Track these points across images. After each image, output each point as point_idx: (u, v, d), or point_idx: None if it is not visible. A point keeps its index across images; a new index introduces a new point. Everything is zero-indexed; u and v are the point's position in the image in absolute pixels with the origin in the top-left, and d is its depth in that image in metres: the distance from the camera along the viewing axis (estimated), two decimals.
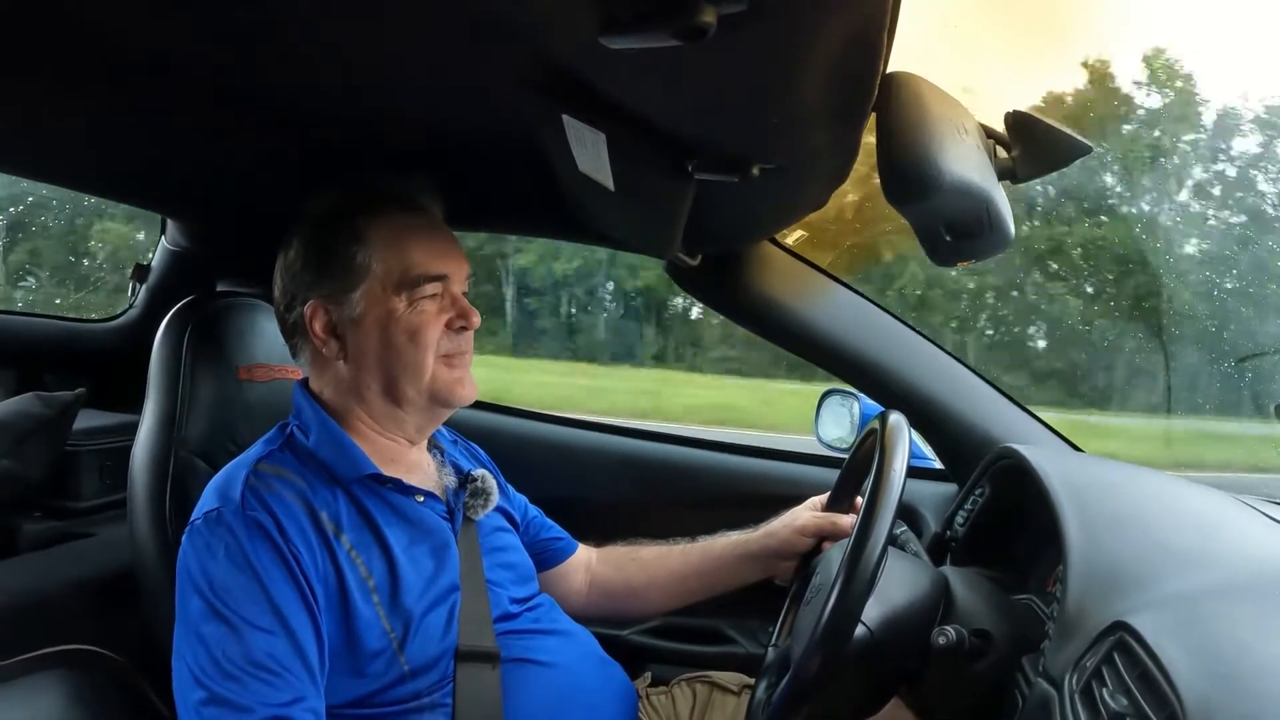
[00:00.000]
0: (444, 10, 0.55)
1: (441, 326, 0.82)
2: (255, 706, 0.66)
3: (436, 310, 0.82)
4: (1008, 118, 0.66)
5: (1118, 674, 0.54)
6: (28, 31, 0.64)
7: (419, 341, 0.81)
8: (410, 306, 0.80)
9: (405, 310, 0.80)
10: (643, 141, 0.60)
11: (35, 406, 1.21)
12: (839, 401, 1.38)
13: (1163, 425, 3.79)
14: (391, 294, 0.80)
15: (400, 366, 0.81)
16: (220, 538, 0.72)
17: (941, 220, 0.60)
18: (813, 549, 0.96)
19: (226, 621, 0.69)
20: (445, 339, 0.82)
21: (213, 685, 0.67)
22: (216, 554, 0.71)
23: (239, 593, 0.70)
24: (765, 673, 0.82)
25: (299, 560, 0.72)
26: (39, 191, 2.91)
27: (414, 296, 0.80)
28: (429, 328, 0.81)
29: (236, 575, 0.70)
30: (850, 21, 0.42)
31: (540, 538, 1.03)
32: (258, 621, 0.69)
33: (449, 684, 0.76)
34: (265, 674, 0.68)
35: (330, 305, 0.81)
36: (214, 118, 0.85)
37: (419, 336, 0.80)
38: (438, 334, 0.82)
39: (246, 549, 0.71)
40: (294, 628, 0.70)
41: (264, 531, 0.72)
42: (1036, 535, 0.86)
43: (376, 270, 0.80)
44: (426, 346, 0.81)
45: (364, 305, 0.80)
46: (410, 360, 0.81)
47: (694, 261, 0.98)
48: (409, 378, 0.81)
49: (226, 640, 0.68)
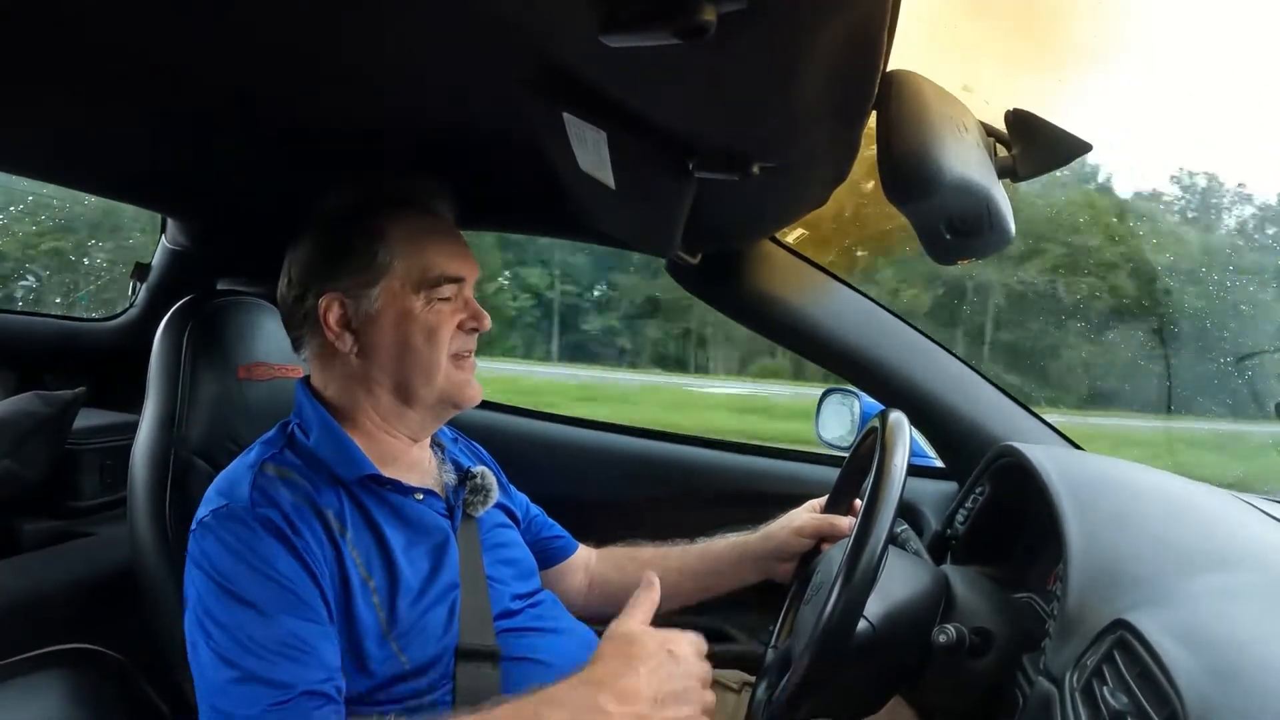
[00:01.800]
0: (445, 10, 0.55)
1: (454, 327, 0.83)
2: (295, 683, 0.67)
3: (451, 311, 0.83)
4: (1008, 116, 0.66)
5: (1118, 672, 0.54)
6: (28, 32, 0.64)
7: (434, 341, 0.82)
8: (428, 306, 0.82)
9: (423, 309, 0.82)
10: (643, 140, 0.60)
11: (35, 406, 1.21)
12: (839, 400, 1.38)
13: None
14: (411, 292, 0.81)
15: (414, 364, 0.82)
16: (233, 531, 0.72)
17: (942, 218, 0.60)
18: (811, 550, 0.97)
19: (251, 605, 0.69)
20: (456, 339, 0.84)
21: (244, 663, 0.67)
22: (230, 546, 0.71)
23: (255, 581, 0.70)
24: (765, 673, 0.82)
25: (310, 554, 0.72)
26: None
27: (432, 296, 0.82)
28: (444, 328, 0.82)
29: (251, 566, 0.71)
30: (850, 21, 0.42)
31: (541, 536, 1.03)
32: (281, 605, 0.69)
33: (449, 682, 0.77)
34: (295, 653, 0.68)
35: (347, 299, 0.82)
36: (214, 118, 0.85)
37: (435, 336, 0.82)
38: (450, 334, 0.83)
39: (261, 543, 0.71)
40: (315, 610, 0.71)
41: (275, 527, 0.72)
42: (1037, 533, 0.86)
43: (397, 268, 0.82)
44: (441, 345, 0.82)
45: (382, 301, 0.81)
46: (425, 359, 0.82)
47: (694, 260, 0.98)
48: (422, 376, 0.82)
49: (253, 624, 0.68)
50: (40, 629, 0.89)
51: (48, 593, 1.06)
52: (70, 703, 0.81)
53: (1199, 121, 5.42)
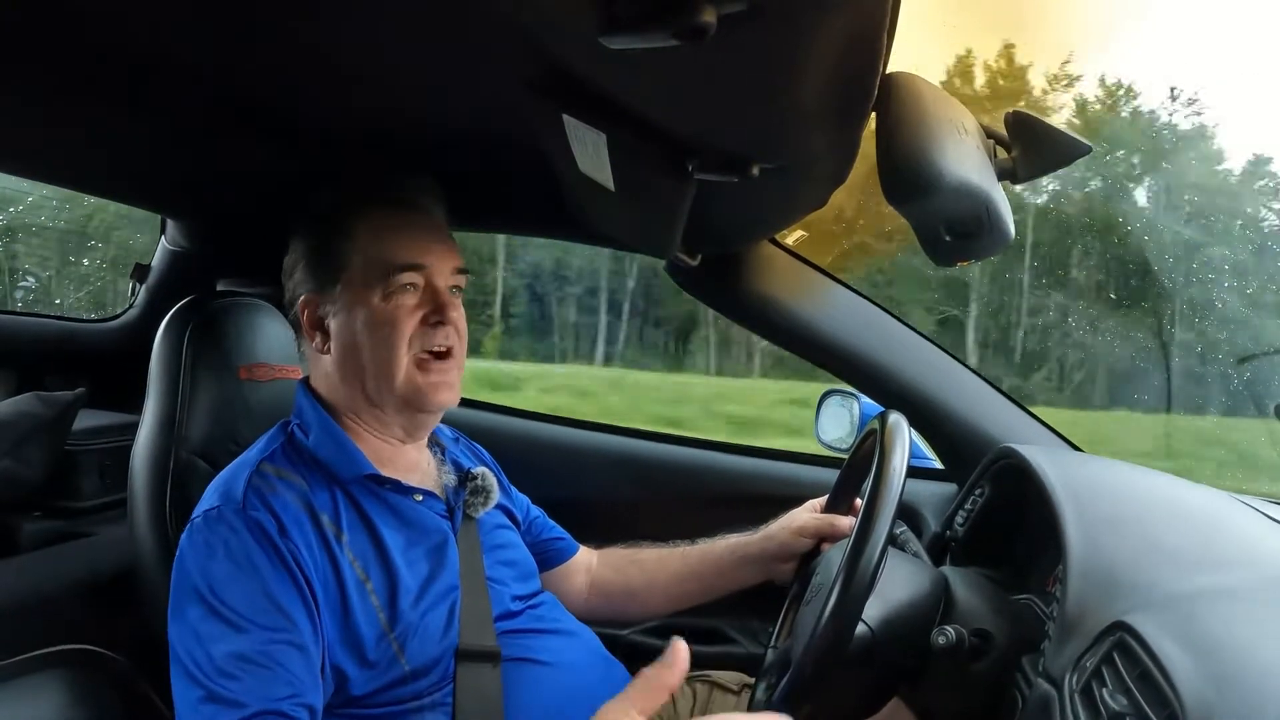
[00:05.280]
0: (445, 11, 0.55)
1: (416, 322, 0.79)
2: (250, 701, 0.66)
3: (414, 304, 0.80)
4: (1008, 117, 0.66)
5: (1117, 674, 0.54)
6: (28, 32, 0.64)
7: (390, 338, 0.78)
8: (385, 300, 0.79)
9: (380, 304, 0.79)
10: (643, 141, 0.60)
11: (35, 406, 1.21)
12: (839, 402, 1.38)
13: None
14: (370, 287, 0.79)
15: (372, 364, 0.79)
16: (220, 536, 0.72)
17: (941, 220, 0.60)
18: (811, 551, 0.96)
19: (225, 620, 0.68)
20: (419, 335, 0.80)
21: (209, 683, 0.67)
22: (216, 552, 0.71)
23: (238, 591, 0.69)
24: (764, 674, 0.82)
25: (299, 560, 0.72)
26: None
27: (389, 288, 0.79)
28: (402, 322, 0.79)
29: (236, 573, 0.70)
30: (850, 21, 0.42)
31: (541, 538, 1.03)
32: (257, 619, 0.69)
33: (449, 684, 0.76)
34: (261, 670, 0.67)
35: (320, 299, 0.82)
36: (214, 118, 0.85)
37: (391, 332, 0.78)
38: (410, 329, 0.79)
39: (247, 548, 0.71)
40: (295, 624, 0.70)
41: (264, 531, 0.72)
42: (1036, 535, 0.86)
43: (357, 263, 0.80)
44: (396, 343, 0.78)
45: (346, 299, 0.80)
46: (380, 358, 0.79)
47: (694, 261, 0.98)
48: (381, 378, 0.79)
49: (224, 638, 0.68)
50: (40, 629, 0.89)
51: (47, 593, 1.06)
52: (70, 703, 0.81)
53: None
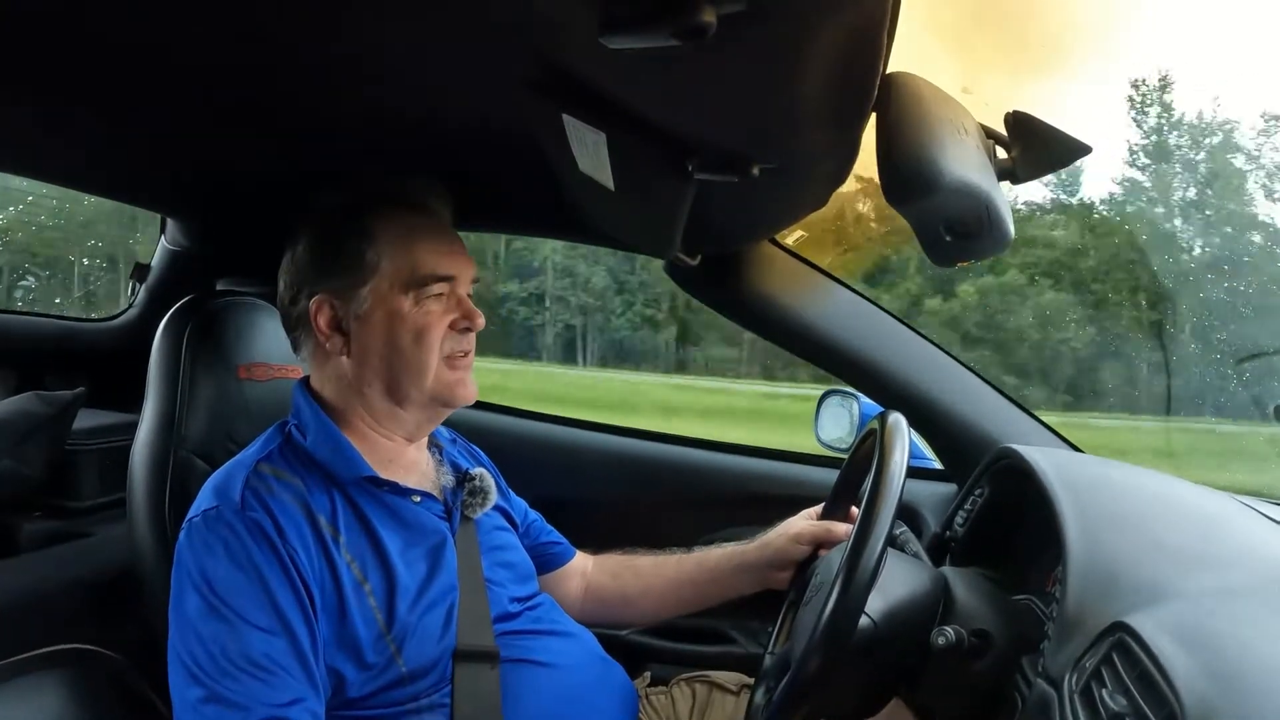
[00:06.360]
0: (445, 10, 0.55)
1: (446, 327, 0.82)
2: (254, 705, 0.66)
3: (442, 311, 0.82)
4: (1008, 118, 0.66)
5: (1117, 674, 0.54)
6: (29, 32, 0.64)
7: (424, 342, 0.81)
8: (417, 306, 0.81)
9: (412, 309, 0.81)
10: (643, 141, 0.60)
11: (35, 406, 1.21)
12: (838, 402, 1.38)
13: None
14: (399, 293, 0.81)
15: (404, 365, 0.81)
16: (219, 535, 0.72)
17: (941, 220, 0.60)
18: (809, 558, 0.96)
19: (225, 619, 0.68)
20: (449, 340, 0.83)
21: (211, 683, 0.67)
22: (215, 552, 0.71)
23: (237, 591, 0.69)
24: (764, 677, 0.82)
25: (296, 562, 0.72)
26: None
27: (421, 296, 0.81)
28: (434, 328, 0.82)
29: (235, 574, 0.70)
30: (850, 21, 0.42)
31: (539, 542, 1.03)
32: (256, 620, 0.69)
33: (447, 685, 0.76)
34: (263, 673, 0.68)
35: (336, 300, 0.82)
36: (214, 118, 0.85)
37: (424, 337, 0.81)
38: (441, 334, 0.82)
39: (248, 549, 0.71)
40: (293, 628, 0.70)
41: (263, 532, 0.72)
42: (1036, 535, 0.86)
43: (385, 268, 0.81)
44: (431, 346, 0.81)
45: (371, 302, 0.81)
46: (414, 360, 0.81)
47: (694, 261, 0.98)
48: (412, 377, 0.82)
49: (225, 638, 0.68)
50: (40, 629, 0.89)
51: (47, 593, 1.06)
52: (70, 703, 0.81)
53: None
